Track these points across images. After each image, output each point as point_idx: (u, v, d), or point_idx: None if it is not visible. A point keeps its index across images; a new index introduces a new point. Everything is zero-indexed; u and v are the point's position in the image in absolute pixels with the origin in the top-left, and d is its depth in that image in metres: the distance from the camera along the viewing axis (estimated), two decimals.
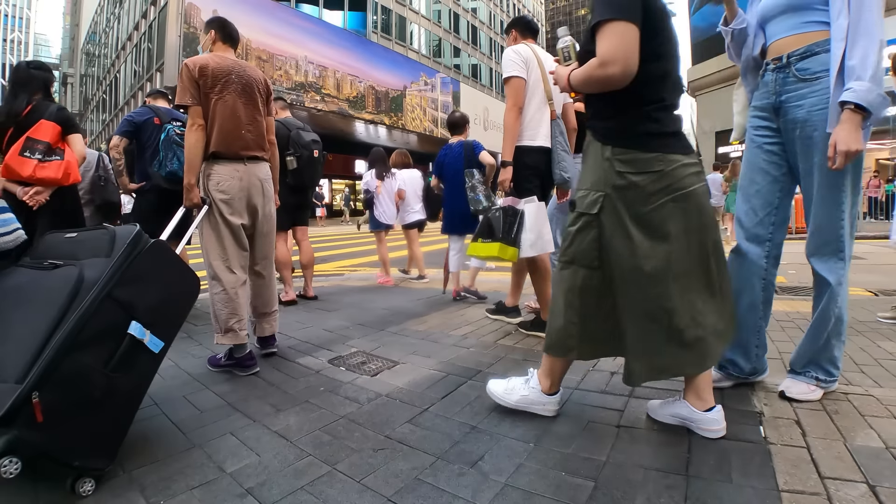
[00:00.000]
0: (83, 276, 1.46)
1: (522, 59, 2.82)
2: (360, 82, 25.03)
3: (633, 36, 1.45)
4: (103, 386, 1.45)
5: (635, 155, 1.55)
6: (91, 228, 1.75)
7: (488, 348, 2.77)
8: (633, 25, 1.44)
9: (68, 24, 76.94)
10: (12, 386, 1.26)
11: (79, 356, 1.38)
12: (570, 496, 1.34)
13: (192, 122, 2.34)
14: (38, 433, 1.28)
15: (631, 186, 1.55)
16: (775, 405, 1.88)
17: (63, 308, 1.39)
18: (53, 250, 1.65)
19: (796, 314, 3.49)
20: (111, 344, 1.48)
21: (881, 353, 2.55)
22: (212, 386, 2.27)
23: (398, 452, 1.61)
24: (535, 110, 2.87)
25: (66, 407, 1.35)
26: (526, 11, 56.41)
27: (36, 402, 1.26)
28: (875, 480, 1.34)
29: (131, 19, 25.37)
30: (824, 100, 1.68)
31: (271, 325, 2.74)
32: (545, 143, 2.90)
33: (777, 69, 1.83)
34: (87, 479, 1.41)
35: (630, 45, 1.44)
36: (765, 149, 1.94)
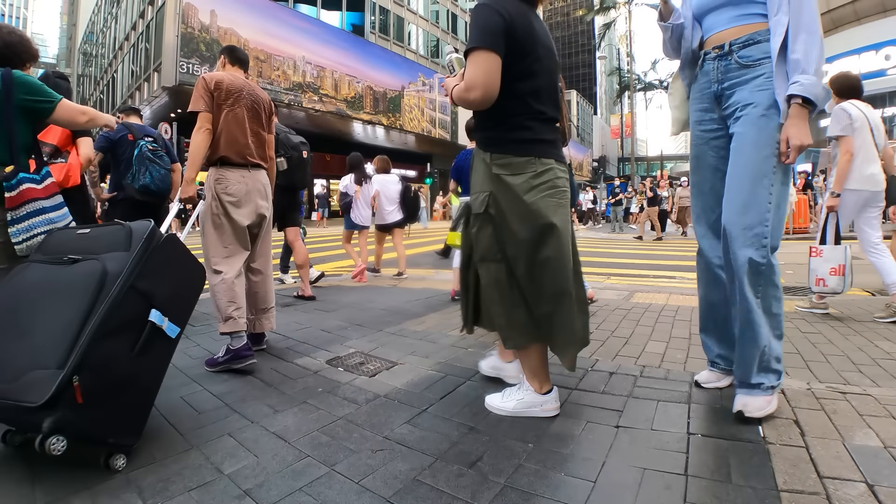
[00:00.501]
0: (106, 269, 1.55)
1: None
2: (357, 83, 25.02)
3: (495, 64, 1.63)
4: (130, 369, 1.58)
5: (510, 159, 1.74)
6: (104, 225, 1.83)
7: (487, 349, 2.76)
8: (495, 54, 1.62)
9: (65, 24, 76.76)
10: (54, 371, 1.36)
11: (109, 343, 1.49)
12: (569, 497, 1.34)
13: (200, 125, 2.56)
14: (79, 413, 1.40)
15: (508, 186, 1.72)
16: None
17: (92, 299, 1.49)
18: (66, 246, 1.72)
19: (794, 314, 3.50)
20: (135, 331, 1.59)
21: (879, 352, 2.56)
22: (210, 387, 2.26)
23: (397, 453, 1.60)
24: None
25: (101, 389, 1.47)
26: None
27: (76, 385, 1.38)
28: (874, 480, 1.34)
29: (129, 19, 25.29)
30: (765, 82, 1.71)
31: (270, 321, 2.84)
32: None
33: (719, 57, 1.83)
34: (119, 455, 1.55)
35: (490, 72, 1.62)
36: (711, 144, 1.93)
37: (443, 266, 7.28)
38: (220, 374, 2.45)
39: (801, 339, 2.86)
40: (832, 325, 3.16)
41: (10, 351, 1.47)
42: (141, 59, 22.05)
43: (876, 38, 17.47)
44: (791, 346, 2.71)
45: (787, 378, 2.21)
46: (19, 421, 1.52)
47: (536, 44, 1.74)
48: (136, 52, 22.99)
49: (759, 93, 1.72)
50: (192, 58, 17.63)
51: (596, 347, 2.74)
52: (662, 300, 4.10)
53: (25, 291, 1.61)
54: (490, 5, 1.67)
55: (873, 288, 4.66)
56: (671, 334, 3.00)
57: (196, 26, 17.98)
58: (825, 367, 2.35)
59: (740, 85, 1.78)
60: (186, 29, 17.60)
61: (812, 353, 2.57)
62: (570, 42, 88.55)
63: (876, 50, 17.52)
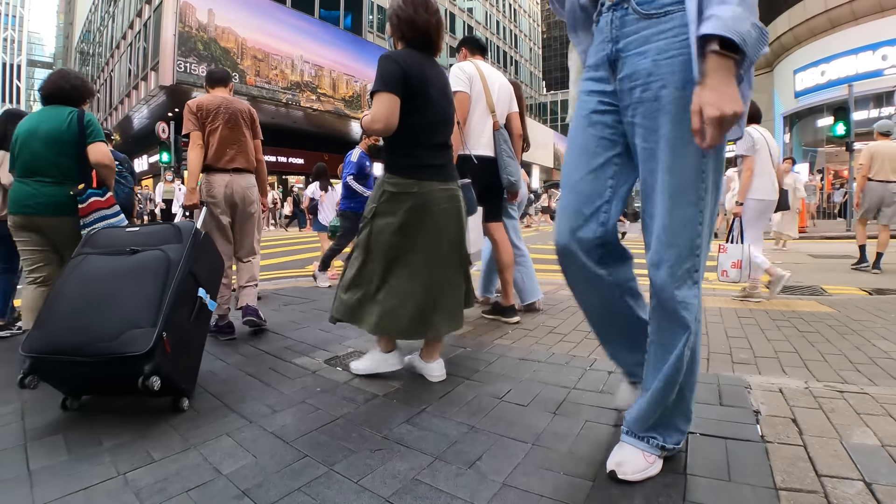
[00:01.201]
0: (169, 256, 2.04)
1: (466, 76, 3.14)
2: (355, 82, 24.98)
3: (394, 103, 2.03)
4: (190, 332, 2.10)
5: (398, 179, 2.16)
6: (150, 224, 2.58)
7: (486, 348, 2.76)
8: (395, 96, 2.03)
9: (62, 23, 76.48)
10: (148, 329, 1.81)
11: (179, 311, 1.98)
12: (569, 496, 1.34)
13: (193, 143, 3.07)
14: (167, 360, 1.85)
15: (390, 199, 2.15)
16: (772, 403, 1.88)
17: (164, 278, 1.97)
18: (119, 241, 2.15)
19: (792, 314, 3.51)
20: (190, 303, 2.09)
21: (876, 351, 2.57)
22: (208, 387, 2.26)
23: (396, 453, 1.60)
24: (478, 121, 3.17)
25: (176, 345, 1.91)
26: (522, 12, 56.49)
27: (166, 339, 1.84)
28: (871, 478, 1.34)
29: (126, 18, 25.20)
30: (677, 43, 1.21)
31: (249, 295, 3.28)
32: (487, 151, 3.21)
33: (613, 6, 1.35)
34: (184, 399, 1.99)
35: (390, 110, 2.03)
36: (592, 119, 1.45)
37: None
38: (218, 374, 2.45)
39: (799, 337, 2.87)
40: (830, 323, 3.17)
41: (101, 320, 1.83)
42: (138, 59, 21.97)
43: (873, 39, 17.49)
44: (789, 345, 2.71)
45: (786, 377, 2.21)
46: (121, 370, 1.81)
47: (428, 86, 2.15)
48: (134, 51, 22.91)
49: (668, 62, 1.22)
50: (190, 57, 17.59)
51: (594, 347, 2.74)
52: None
53: (98, 275, 1.99)
54: (391, 56, 2.09)
55: (871, 287, 4.68)
56: None
57: (194, 25, 17.93)
58: (823, 366, 2.36)
59: (639, 46, 1.28)
60: (184, 28, 17.56)
61: (810, 352, 2.58)
62: (569, 41, 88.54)
63: (873, 50, 17.53)
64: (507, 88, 3.36)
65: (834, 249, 8.70)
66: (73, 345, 1.79)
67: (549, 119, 63.96)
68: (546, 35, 79.53)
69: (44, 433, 1.83)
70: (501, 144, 3.20)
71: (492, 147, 3.22)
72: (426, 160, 2.18)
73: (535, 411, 1.90)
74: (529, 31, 58.68)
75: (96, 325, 1.81)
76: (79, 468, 1.56)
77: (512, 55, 52.18)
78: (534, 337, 2.98)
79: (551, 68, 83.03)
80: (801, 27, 19.93)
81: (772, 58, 22.39)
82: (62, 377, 1.92)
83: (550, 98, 68.27)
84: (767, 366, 2.39)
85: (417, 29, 2.19)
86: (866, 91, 16.62)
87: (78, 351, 1.78)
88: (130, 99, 22.37)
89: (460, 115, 2.98)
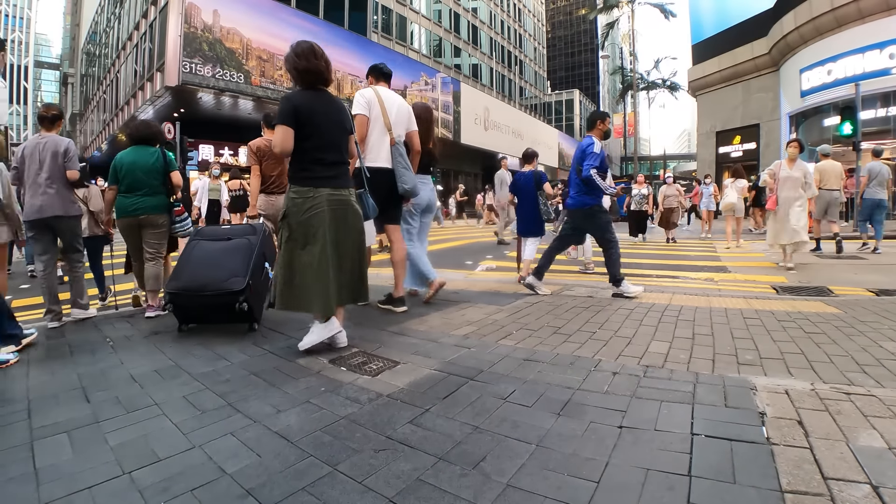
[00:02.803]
0: (251, 242, 3.51)
1: (366, 101, 3.65)
2: (360, 82, 24.99)
3: (288, 133, 2.63)
4: (261, 286, 3.47)
5: (298, 188, 2.74)
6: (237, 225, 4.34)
7: (489, 348, 2.76)
8: (288, 127, 2.63)
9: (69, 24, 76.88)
10: (243, 278, 3.24)
11: (256, 273, 3.38)
12: (572, 496, 1.33)
13: (254, 173, 4.30)
14: (250, 297, 3.24)
15: (295, 204, 2.71)
16: (778, 405, 1.87)
17: (249, 254, 3.42)
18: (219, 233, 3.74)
19: (798, 315, 3.49)
20: (261, 270, 3.50)
21: (883, 353, 2.55)
22: (212, 387, 2.27)
23: (399, 453, 1.60)
24: (376, 139, 3.67)
25: (255, 290, 3.32)
26: (527, 11, 56.36)
27: (251, 285, 3.26)
28: (878, 481, 1.33)
29: (132, 19, 25.31)
30: None
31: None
32: (386, 164, 3.70)
33: None
34: (255, 323, 3.36)
35: (284, 138, 2.63)
36: None
37: (445, 266, 7.27)
38: (222, 373, 2.46)
39: (805, 339, 2.85)
40: (836, 325, 3.14)
41: (214, 273, 3.28)
42: (144, 59, 22.07)
43: (880, 37, 17.30)
44: (795, 347, 2.70)
45: (791, 378, 2.20)
46: (226, 299, 3.19)
47: (316, 117, 2.72)
48: (140, 51, 23.01)
49: None
50: (195, 57, 17.65)
51: (599, 347, 2.74)
52: (665, 300, 4.09)
53: (209, 251, 3.47)
54: (286, 97, 2.73)
55: (876, 288, 4.65)
56: (674, 334, 3.00)
57: (199, 26, 17.99)
58: (829, 368, 2.34)
59: None
60: (189, 29, 17.62)
61: (816, 354, 2.56)
62: (573, 41, 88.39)
63: (880, 49, 17.35)
64: (405, 110, 3.88)
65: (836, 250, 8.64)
66: (198, 286, 3.23)
67: (554, 119, 63.75)
68: (551, 35, 79.37)
69: (50, 431, 1.84)
70: (397, 158, 3.74)
71: (390, 160, 3.74)
72: (319, 173, 2.75)
73: (540, 412, 1.89)
74: (534, 31, 58.48)
75: (212, 276, 3.26)
76: (85, 467, 1.57)
77: (517, 55, 52.05)
78: (538, 337, 2.98)
79: (556, 68, 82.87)
80: (807, 26, 19.76)
81: (777, 57, 22.24)
82: (186, 307, 3.31)
83: (555, 98, 68.07)
84: (773, 367, 2.37)
85: (311, 73, 2.77)
86: (873, 90, 16.45)
87: (202, 289, 3.22)
88: (136, 99, 22.47)
89: (359, 134, 3.49)
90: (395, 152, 3.74)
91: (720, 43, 25.09)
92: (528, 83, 56.19)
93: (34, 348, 3.09)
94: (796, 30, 20.45)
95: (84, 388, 2.31)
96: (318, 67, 2.76)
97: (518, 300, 4.17)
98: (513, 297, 4.29)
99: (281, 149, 2.65)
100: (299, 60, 2.72)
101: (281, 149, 2.65)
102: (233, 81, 18.61)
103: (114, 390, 2.27)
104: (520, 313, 3.66)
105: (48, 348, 3.09)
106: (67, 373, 2.56)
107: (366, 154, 3.60)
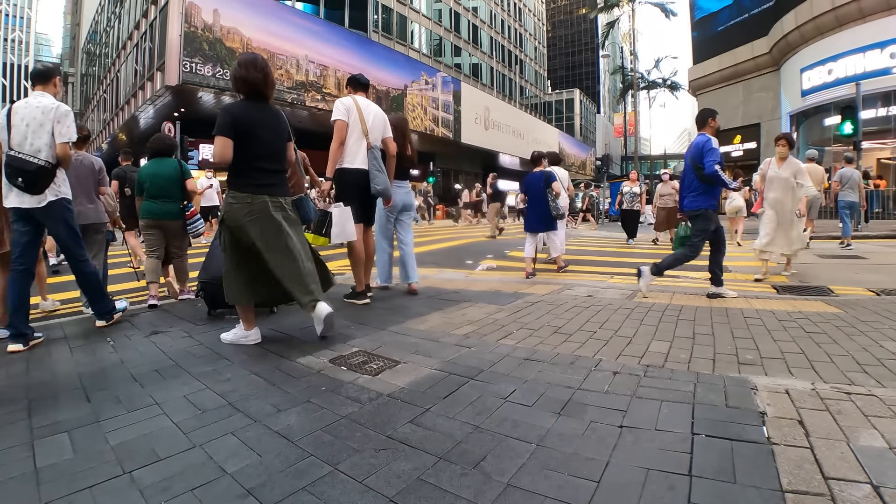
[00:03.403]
0: None
1: (345, 108, 3.93)
2: None
3: (226, 143, 2.75)
4: None
5: (236, 194, 2.85)
6: None
7: (490, 348, 2.76)
8: (227, 138, 2.75)
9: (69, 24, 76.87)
10: None
11: None
12: (573, 496, 1.33)
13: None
14: None
15: (233, 209, 2.84)
16: (779, 405, 1.87)
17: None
18: None
19: (799, 315, 3.49)
20: None
21: (883, 352, 2.55)
22: (212, 386, 2.27)
23: (400, 453, 1.60)
24: (354, 142, 3.96)
25: None
26: (527, 11, 56.32)
27: None
28: (879, 481, 1.33)
29: (132, 18, 25.29)
30: None
31: None
32: (362, 165, 3.99)
33: None
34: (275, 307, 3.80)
35: (223, 148, 2.76)
36: None
37: (445, 265, 7.27)
38: (223, 373, 2.46)
39: (806, 338, 2.84)
40: (837, 325, 3.14)
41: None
42: (144, 59, 22.05)
43: (881, 37, 17.30)
44: (795, 346, 2.69)
45: (792, 378, 2.20)
46: None
47: (255, 129, 2.86)
48: (140, 51, 22.99)
49: None
50: (196, 57, 17.63)
51: (599, 347, 2.74)
52: (666, 300, 4.09)
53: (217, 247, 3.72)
54: (224, 108, 2.84)
55: (878, 288, 4.64)
56: (675, 334, 2.99)
57: (199, 25, 17.98)
58: (830, 368, 2.34)
59: None
60: (189, 28, 17.60)
61: (817, 354, 2.56)
62: (574, 40, 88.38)
63: (881, 48, 17.34)
64: (381, 118, 4.17)
65: (839, 250, 8.63)
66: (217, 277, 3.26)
67: (555, 118, 63.71)
68: (551, 34, 79.30)
69: (50, 431, 1.84)
70: (372, 161, 4.02)
71: (366, 163, 4.03)
72: (257, 181, 2.90)
73: (540, 412, 1.89)
74: (534, 31, 58.43)
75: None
76: (85, 466, 1.57)
77: (517, 54, 52.01)
78: (539, 337, 2.97)
79: (556, 67, 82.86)
80: (808, 25, 19.76)
81: (778, 56, 22.23)
82: (214, 294, 3.63)
83: (555, 97, 68.05)
84: (774, 367, 2.37)
85: (248, 84, 2.90)
86: (874, 89, 16.45)
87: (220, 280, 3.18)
88: (137, 99, 22.45)
89: (338, 138, 3.87)
90: (370, 155, 4.02)
91: (721, 42, 25.13)
92: (528, 82, 56.15)
93: (35, 347, 3.08)
94: (797, 29, 20.44)
95: (84, 387, 2.31)
96: (256, 79, 2.89)
97: (518, 299, 4.17)
98: (513, 297, 4.29)
99: (220, 158, 2.76)
100: (239, 69, 2.89)
101: (220, 158, 2.76)
102: None
103: (114, 390, 2.27)
104: (520, 313, 3.66)
105: (49, 348, 3.09)
106: (68, 372, 2.56)
107: (344, 156, 3.93)
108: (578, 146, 58.54)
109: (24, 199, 3.06)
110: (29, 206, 3.07)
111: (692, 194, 4.38)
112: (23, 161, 2.97)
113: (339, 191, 4.01)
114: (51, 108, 3.08)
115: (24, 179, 2.98)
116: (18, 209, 3.09)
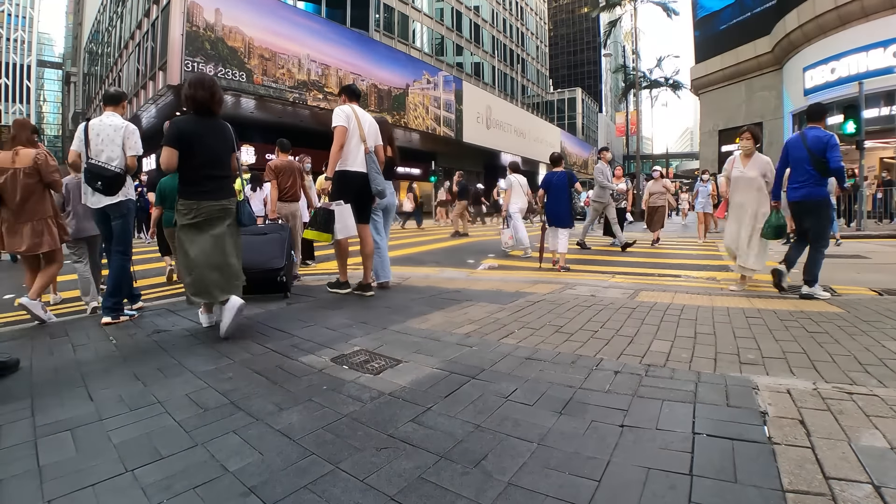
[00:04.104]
0: (282, 235, 4.73)
1: (346, 115, 4.31)
2: (362, 81, 24.98)
3: (172, 154, 3.09)
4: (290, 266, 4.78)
5: (184, 200, 3.20)
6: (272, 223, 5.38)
7: (491, 347, 2.76)
8: (173, 149, 3.09)
9: (71, 23, 76.98)
10: (281, 259, 4.55)
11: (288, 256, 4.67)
12: (574, 495, 1.33)
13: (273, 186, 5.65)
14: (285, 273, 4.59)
15: (181, 213, 3.19)
16: (780, 404, 1.87)
17: (281, 243, 4.63)
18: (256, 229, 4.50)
19: (800, 314, 3.48)
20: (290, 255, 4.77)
21: (885, 352, 2.54)
22: (215, 385, 2.28)
23: (401, 451, 1.61)
24: (353, 146, 4.38)
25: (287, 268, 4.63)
26: (529, 10, 56.23)
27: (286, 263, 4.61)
28: (880, 481, 1.33)
29: (134, 18, 25.33)
30: None
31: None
32: (361, 168, 4.43)
33: None
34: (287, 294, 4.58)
35: (169, 158, 3.10)
36: None
37: (446, 264, 7.28)
38: (225, 371, 2.47)
39: (808, 338, 2.84)
40: (839, 324, 3.14)
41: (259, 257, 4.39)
42: (146, 58, 22.08)
43: (884, 35, 17.23)
44: (797, 346, 2.69)
45: (793, 378, 2.19)
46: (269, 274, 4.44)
47: (201, 137, 3.18)
48: (142, 50, 23.03)
49: None
50: (197, 56, 17.65)
51: (601, 346, 2.74)
52: (668, 299, 4.09)
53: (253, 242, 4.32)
54: (172, 121, 3.21)
55: (880, 287, 4.63)
56: (676, 333, 2.99)
57: (201, 25, 17.99)
58: (831, 367, 2.34)
59: None
60: (191, 28, 17.62)
61: (818, 353, 2.56)
62: (575, 39, 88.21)
63: (884, 47, 17.27)
64: (374, 126, 4.64)
65: (841, 249, 8.62)
66: (246, 266, 3.54)
67: (556, 118, 63.62)
68: (553, 33, 79.15)
69: (53, 429, 1.85)
70: (370, 164, 4.49)
71: (365, 166, 4.46)
72: (202, 187, 3.22)
73: (541, 411, 1.89)
74: (536, 30, 58.32)
75: (256, 259, 4.28)
76: (87, 464, 1.57)
77: (518, 53, 51.93)
78: (540, 336, 2.98)
79: (558, 66, 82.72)
80: (811, 24, 19.69)
81: (780, 55, 22.16)
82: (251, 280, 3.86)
83: (557, 96, 67.92)
84: (775, 366, 2.37)
85: (195, 101, 3.22)
86: (877, 88, 16.39)
87: (249, 268, 3.70)
88: (139, 98, 22.49)
89: (338, 143, 4.22)
90: (368, 159, 4.46)
91: (722, 41, 25.06)
92: (530, 81, 56.06)
93: (36, 347, 3.10)
94: (799, 28, 20.37)
95: (87, 386, 2.32)
96: (203, 97, 3.22)
97: (520, 299, 4.17)
98: (515, 296, 4.30)
99: (166, 166, 3.14)
100: (188, 89, 3.21)
101: (166, 166, 3.14)
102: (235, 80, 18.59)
103: (117, 388, 2.27)
104: (522, 312, 3.66)
105: (51, 347, 3.10)
106: (70, 371, 2.57)
107: (345, 159, 4.32)
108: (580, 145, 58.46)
109: (101, 199, 3.70)
110: (105, 203, 3.72)
111: (809, 183, 4.36)
112: (101, 168, 3.61)
113: (338, 190, 4.31)
114: (121, 126, 3.75)
115: (102, 183, 3.61)
116: (97, 210, 3.77)
